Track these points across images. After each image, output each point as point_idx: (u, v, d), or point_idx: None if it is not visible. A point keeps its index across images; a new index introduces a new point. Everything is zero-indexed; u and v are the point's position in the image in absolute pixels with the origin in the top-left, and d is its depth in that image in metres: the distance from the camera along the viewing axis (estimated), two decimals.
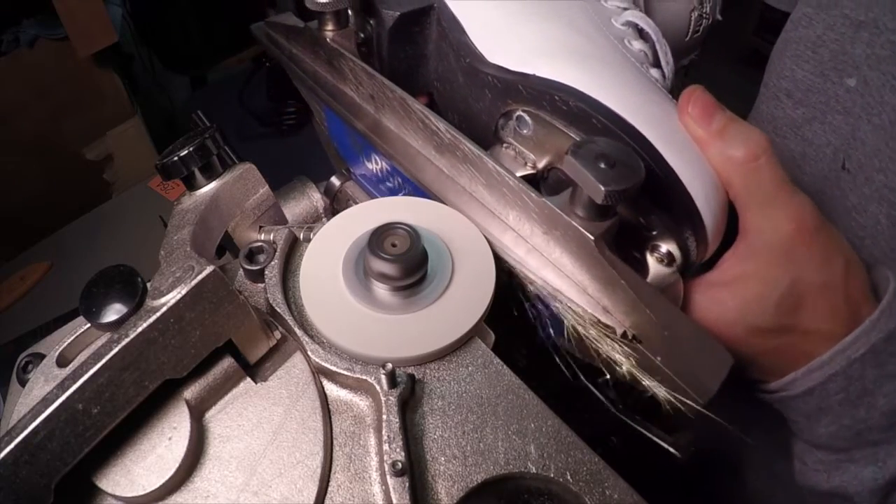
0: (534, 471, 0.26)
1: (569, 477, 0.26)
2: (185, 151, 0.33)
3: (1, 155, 1.17)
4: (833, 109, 0.43)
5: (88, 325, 0.30)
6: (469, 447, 0.27)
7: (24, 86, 1.16)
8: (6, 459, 0.22)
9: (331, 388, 0.29)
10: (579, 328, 0.30)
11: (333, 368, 0.28)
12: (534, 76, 0.34)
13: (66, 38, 1.10)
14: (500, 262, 0.32)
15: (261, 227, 0.37)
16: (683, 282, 0.32)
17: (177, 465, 0.25)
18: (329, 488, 0.26)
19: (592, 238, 0.27)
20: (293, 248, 0.35)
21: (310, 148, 1.18)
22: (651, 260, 0.32)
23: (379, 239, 0.29)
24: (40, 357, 0.31)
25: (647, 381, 0.29)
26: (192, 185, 0.35)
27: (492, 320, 0.31)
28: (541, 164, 0.35)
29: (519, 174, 0.33)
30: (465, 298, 0.30)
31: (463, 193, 0.34)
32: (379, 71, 0.37)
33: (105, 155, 1.31)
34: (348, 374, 0.28)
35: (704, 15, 0.49)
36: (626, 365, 0.29)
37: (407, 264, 0.29)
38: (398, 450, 0.25)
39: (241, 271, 0.34)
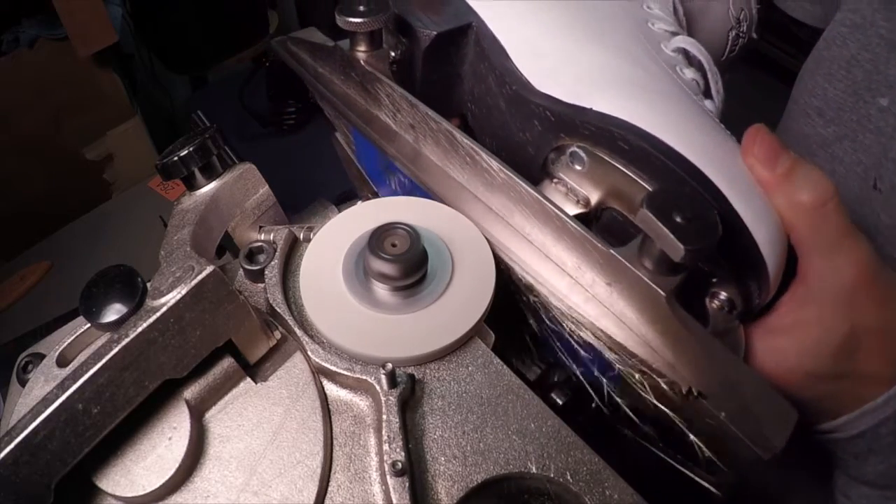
0: (534, 471, 0.26)
1: (569, 477, 0.26)
2: (185, 151, 0.33)
3: (1, 155, 1.17)
4: (865, 129, 0.43)
5: (88, 325, 0.30)
6: (469, 447, 0.27)
7: (24, 86, 1.16)
8: (6, 459, 0.22)
9: (331, 388, 0.29)
10: (636, 384, 0.28)
11: (333, 368, 0.28)
12: (591, 111, 0.31)
13: (66, 38, 1.10)
14: (542, 305, 0.31)
15: (261, 227, 0.37)
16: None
17: (177, 465, 0.25)
18: (329, 488, 0.26)
19: (664, 295, 0.26)
20: (293, 248, 0.35)
21: (310, 148, 1.18)
22: (711, 307, 0.30)
23: (379, 239, 0.29)
24: (40, 357, 0.31)
25: (698, 439, 0.27)
26: (192, 185, 0.35)
27: (493, 321, 0.31)
28: (593, 202, 0.33)
29: (571, 213, 0.31)
30: (465, 298, 0.30)
31: (514, 234, 0.32)
32: (411, 91, 0.35)
33: (105, 155, 1.31)
34: (348, 374, 0.28)
35: (741, 34, 0.48)
36: (677, 420, 0.28)
37: (407, 264, 0.29)
38: (398, 450, 0.25)
39: (241, 271, 0.34)
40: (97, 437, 0.24)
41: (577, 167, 0.33)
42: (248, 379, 0.29)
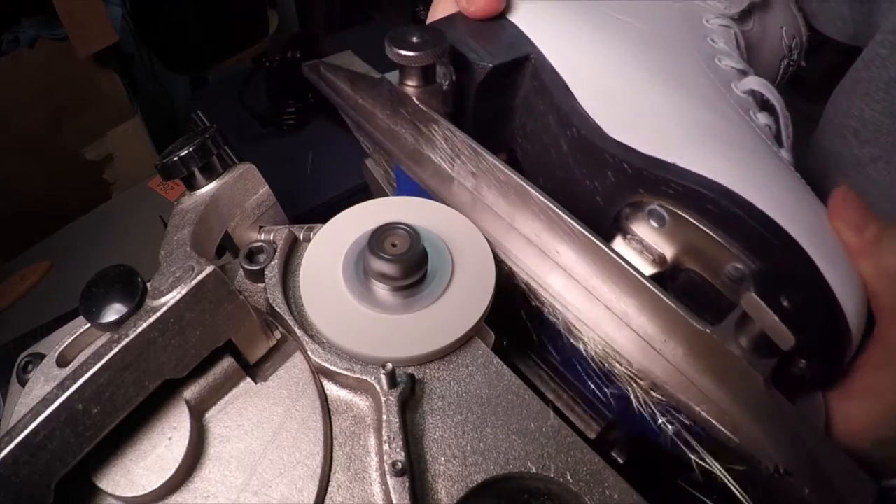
0: (534, 471, 0.26)
1: (569, 477, 0.26)
2: (185, 151, 0.33)
3: (1, 155, 1.17)
4: None
5: (88, 325, 0.30)
6: (469, 447, 0.27)
7: (24, 86, 1.16)
8: (6, 459, 0.22)
9: (331, 388, 0.29)
10: (717, 469, 0.27)
11: (333, 368, 0.28)
12: (675, 167, 0.29)
13: (66, 38, 1.10)
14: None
15: (261, 227, 0.37)
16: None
17: (177, 465, 0.25)
18: (329, 488, 0.26)
19: (762, 378, 0.25)
20: (293, 248, 0.35)
21: (310, 148, 1.18)
22: (791, 373, 0.29)
23: (379, 239, 0.29)
24: (40, 357, 0.31)
25: None
26: (192, 185, 0.35)
27: (493, 322, 0.31)
28: (669, 260, 0.31)
29: (647, 273, 0.30)
30: (465, 298, 0.30)
31: (590, 299, 0.29)
32: (458, 124, 0.33)
33: (105, 155, 1.31)
34: (348, 374, 0.28)
35: (792, 62, 0.47)
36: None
37: (407, 264, 0.29)
38: (398, 450, 0.25)
39: (241, 271, 0.34)
40: (97, 437, 0.24)
41: (656, 225, 0.30)
42: (248, 379, 0.29)
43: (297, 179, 1.13)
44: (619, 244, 0.32)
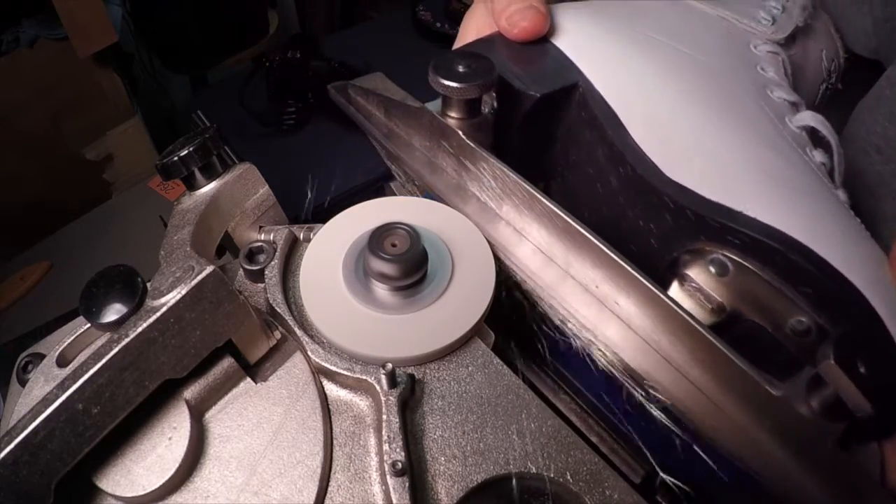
0: (534, 471, 0.26)
1: (569, 477, 0.26)
2: (185, 151, 0.33)
3: (1, 155, 1.17)
4: None
5: (88, 325, 0.30)
6: (469, 447, 0.27)
7: (24, 86, 1.16)
8: (6, 459, 0.22)
9: (331, 388, 0.29)
10: None
11: (333, 368, 0.28)
12: (741, 215, 0.28)
13: (66, 38, 1.10)
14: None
15: (261, 227, 0.37)
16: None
17: (177, 465, 0.25)
18: (329, 488, 0.26)
19: (831, 441, 0.24)
20: (293, 248, 0.35)
21: (310, 148, 1.18)
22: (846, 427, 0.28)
23: (379, 239, 0.29)
24: (40, 357, 0.31)
25: None
26: (192, 185, 0.35)
27: (492, 321, 0.31)
28: (728, 309, 0.30)
29: (706, 322, 0.28)
30: (465, 298, 0.30)
31: (647, 349, 0.28)
32: (498, 153, 0.31)
33: (105, 155, 1.31)
34: (348, 374, 0.28)
35: (830, 85, 0.46)
36: None
37: (407, 264, 0.29)
38: (398, 450, 0.25)
39: (241, 271, 0.34)
40: (97, 437, 0.24)
41: (718, 274, 0.29)
42: (248, 379, 0.29)
43: (297, 179, 1.13)
44: (675, 291, 0.31)
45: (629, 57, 0.34)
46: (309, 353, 0.29)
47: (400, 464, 0.24)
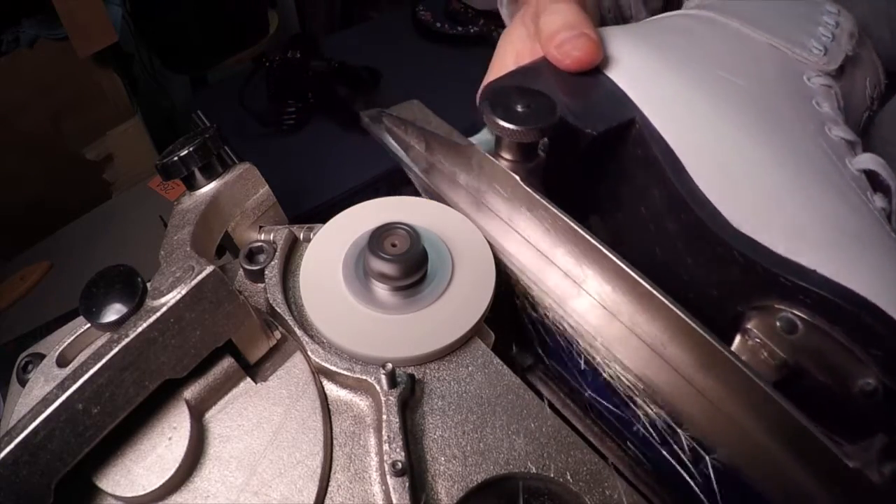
0: (534, 471, 0.26)
1: (569, 477, 0.26)
2: (185, 151, 0.33)
3: (1, 155, 1.17)
4: None
5: (88, 325, 0.30)
6: (469, 447, 0.27)
7: (24, 86, 1.16)
8: (6, 459, 0.22)
9: (331, 388, 0.29)
10: None
11: (333, 368, 0.28)
12: (815, 274, 0.26)
13: (66, 38, 1.10)
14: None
15: (261, 227, 0.37)
16: None
17: (177, 465, 0.25)
18: (329, 488, 0.26)
19: None
20: (293, 248, 0.35)
21: (310, 148, 1.18)
22: None
23: (379, 239, 0.29)
24: (40, 357, 0.31)
25: None
26: (192, 185, 0.35)
27: (492, 321, 0.31)
28: (792, 366, 0.28)
29: (770, 379, 0.27)
30: (465, 298, 0.30)
31: (712, 407, 0.26)
32: (546, 193, 0.29)
33: (105, 155, 1.31)
34: (348, 374, 0.28)
35: (872, 112, 0.44)
36: None
37: (407, 264, 0.29)
38: (398, 450, 0.25)
39: (241, 271, 0.34)
40: (97, 437, 0.24)
41: (785, 332, 0.27)
42: (248, 379, 0.29)
43: (297, 179, 1.13)
44: (738, 345, 0.29)
45: (688, 92, 0.32)
46: (309, 353, 0.29)
47: (400, 464, 0.24)
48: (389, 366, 0.27)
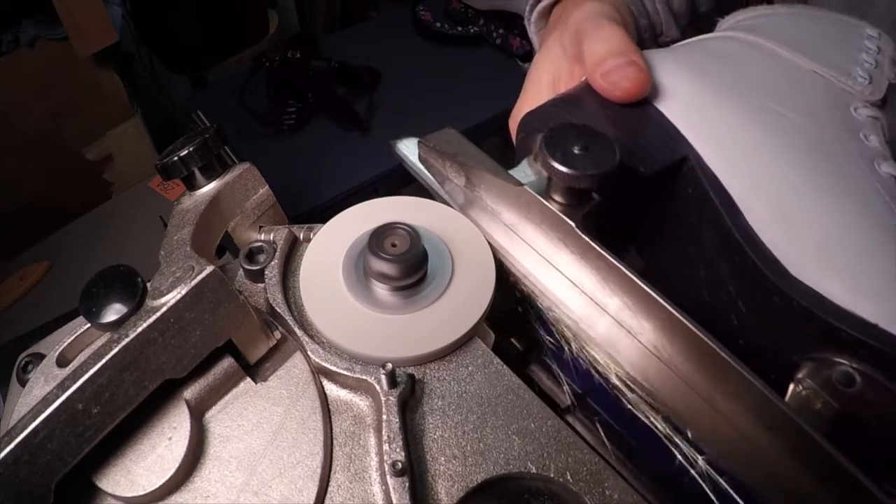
0: (534, 471, 0.26)
1: (569, 477, 0.26)
2: (185, 151, 0.33)
3: (1, 155, 1.17)
4: None
5: (88, 325, 0.30)
6: (469, 447, 0.27)
7: (24, 86, 1.16)
8: (6, 459, 0.22)
9: (331, 388, 0.29)
10: None
11: (333, 368, 0.28)
12: (877, 329, 0.25)
13: (66, 38, 1.10)
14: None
15: (261, 227, 0.37)
16: None
17: (177, 465, 0.25)
18: (329, 488, 0.26)
19: None
20: (293, 248, 0.35)
21: (310, 148, 1.18)
22: None
23: (379, 239, 0.29)
24: (40, 357, 0.31)
25: None
26: (192, 185, 0.35)
27: (492, 321, 0.31)
28: (846, 416, 0.27)
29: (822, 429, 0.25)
30: (465, 298, 0.30)
31: (760, 455, 0.25)
32: (587, 229, 0.27)
33: (105, 155, 1.31)
34: (348, 374, 0.28)
35: None
36: None
37: (407, 264, 0.29)
38: (398, 450, 0.25)
39: (241, 271, 0.34)
40: (97, 437, 0.24)
41: (842, 384, 0.26)
42: (248, 379, 0.29)
43: (297, 179, 1.13)
44: (791, 395, 0.28)
45: (741, 128, 0.31)
46: (309, 353, 0.29)
47: (400, 464, 0.24)
48: (389, 366, 0.27)
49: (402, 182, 1.26)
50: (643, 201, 0.31)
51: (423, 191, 0.37)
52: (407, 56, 1.37)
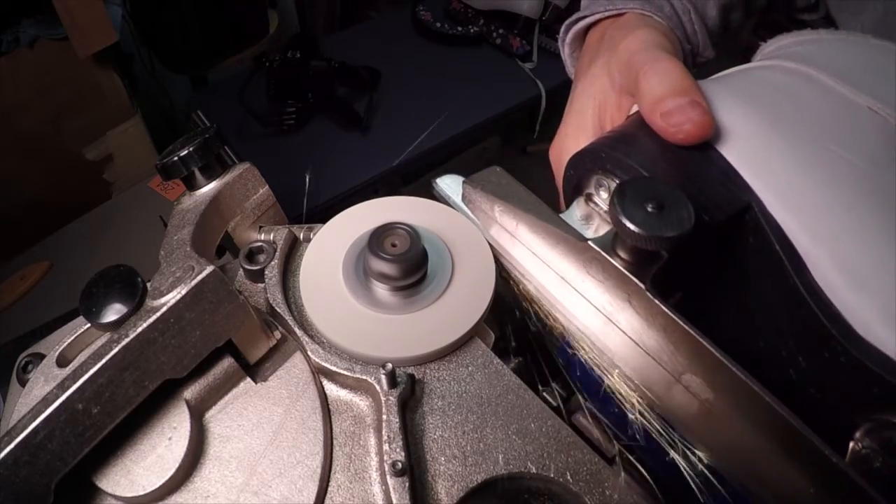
0: (534, 471, 0.26)
1: (569, 477, 0.26)
2: (185, 151, 0.33)
3: (1, 155, 1.17)
4: None
5: (88, 325, 0.30)
6: (469, 447, 0.27)
7: (24, 86, 1.16)
8: (6, 459, 0.22)
9: (331, 388, 0.29)
10: None
11: (333, 368, 0.28)
12: None
13: (66, 38, 1.10)
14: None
15: (261, 227, 0.37)
16: None
17: (177, 465, 0.25)
18: (329, 488, 0.26)
19: None
20: (293, 248, 0.35)
21: (310, 148, 1.18)
22: None
23: (379, 239, 0.29)
24: (40, 357, 0.31)
25: None
26: (192, 185, 0.35)
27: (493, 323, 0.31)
28: None
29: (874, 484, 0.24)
30: (465, 298, 0.30)
31: None
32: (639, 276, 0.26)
33: (105, 155, 1.31)
34: (348, 374, 0.28)
35: None
36: None
37: (407, 264, 0.29)
38: (398, 450, 0.25)
39: (241, 271, 0.34)
40: (97, 437, 0.24)
41: None
42: (248, 379, 0.29)
43: (297, 179, 1.13)
44: (852, 454, 0.27)
45: (805, 173, 0.29)
46: (309, 353, 0.29)
47: (400, 464, 0.24)
48: (389, 366, 0.27)
49: (402, 182, 1.26)
50: (698, 247, 0.29)
51: (423, 191, 0.37)
52: (407, 56, 1.37)
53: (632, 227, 0.25)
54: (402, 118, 1.22)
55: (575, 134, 0.39)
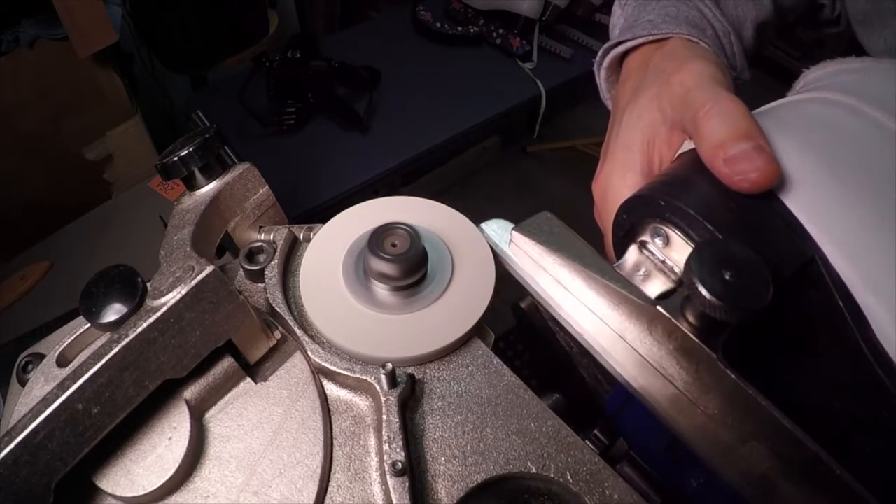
0: (534, 471, 0.26)
1: (569, 477, 0.26)
2: (185, 151, 0.33)
3: (1, 155, 1.17)
4: None
5: (88, 325, 0.30)
6: (469, 447, 0.27)
7: (24, 86, 1.16)
8: (6, 459, 0.22)
9: (331, 388, 0.29)
10: None
11: (333, 368, 0.28)
12: None
13: (66, 38, 1.10)
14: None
15: (261, 227, 0.37)
16: None
17: (177, 465, 0.25)
18: (329, 488, 0.26)
19: None
20: (293, 248, 0.35)
21: (310, 148, 1.18)
22: None
23: (379, 239, 0.29)
24: (40, 357, 0.31)
25: None
26: (192, 185, 0.35)
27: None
28: None
29: None
30: (465, 298, 0.30)
31: None
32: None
33: (105, 155, 1.31)
34: (348, 374, 0.28)
35: None
36: None
37: (407, 264, 0.29)
38: (398, 450, 0.25)
39: (241, 271, 0.34)
40: (97, 437, 0.24)
41: None
42: (248, 379, 0.29)
43: (297, 179, 1.13)
44: None
45: (869, 226, 0.28)
46: (309, 353, 0.29)
47: (400, 464, 0.25)
48: (389, 366, 0.27)
49: (402, 182, 1.26)
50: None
51: (423, 191, 0.37)
52: (407, 56, 1.38)
53: (711, 298, 0.24)
54: (402, 118, 1.22)
55: (622, 171, 0.37)
